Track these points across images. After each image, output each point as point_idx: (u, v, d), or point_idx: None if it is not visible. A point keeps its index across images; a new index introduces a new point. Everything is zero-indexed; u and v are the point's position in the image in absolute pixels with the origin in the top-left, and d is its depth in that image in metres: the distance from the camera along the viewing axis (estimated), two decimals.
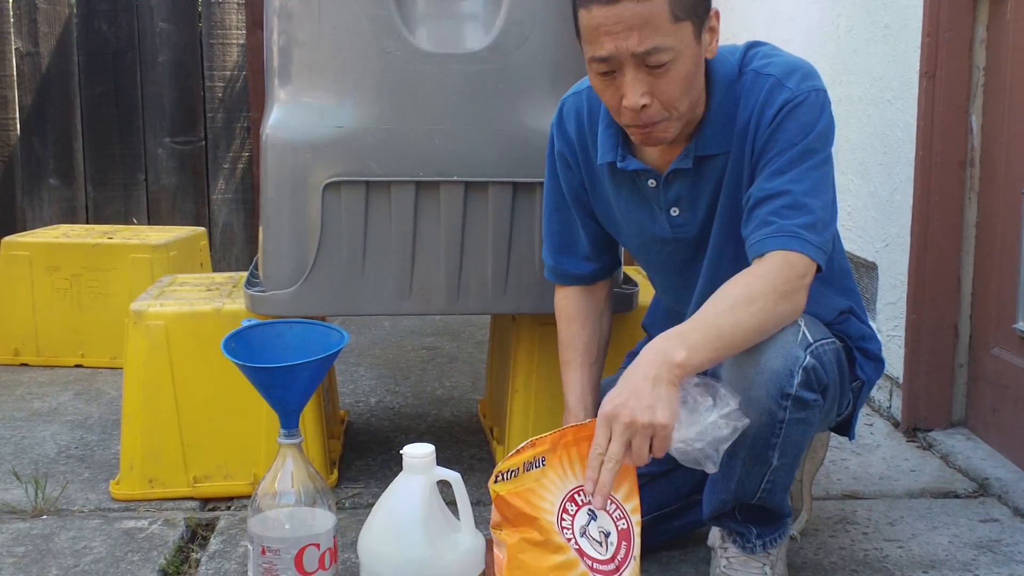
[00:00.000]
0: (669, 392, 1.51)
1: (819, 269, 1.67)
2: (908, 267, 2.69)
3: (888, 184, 2.83)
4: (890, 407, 2.84)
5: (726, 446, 1.57)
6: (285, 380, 1.62)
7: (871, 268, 2.95)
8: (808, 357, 1.63)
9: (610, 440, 1.51)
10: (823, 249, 1.67)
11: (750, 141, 1.71)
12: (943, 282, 2.63)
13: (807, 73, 1.71)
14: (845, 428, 1.96)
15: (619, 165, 1.80)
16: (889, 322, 2.83)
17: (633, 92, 1.62)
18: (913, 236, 2.65)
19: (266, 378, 1.63)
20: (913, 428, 2.70)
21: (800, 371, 1.62)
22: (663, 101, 1.64)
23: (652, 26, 1.58)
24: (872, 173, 2.93)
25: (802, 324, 1.65)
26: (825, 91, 1.71)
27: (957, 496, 2.33)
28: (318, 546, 1.62)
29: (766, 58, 1.74)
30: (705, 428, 1.54)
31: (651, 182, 1.80)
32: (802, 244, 1.64)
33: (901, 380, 2.74)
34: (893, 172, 2.80)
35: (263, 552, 1.61)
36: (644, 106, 1.63)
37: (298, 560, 1.60)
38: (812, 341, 1.65)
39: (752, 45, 1.78)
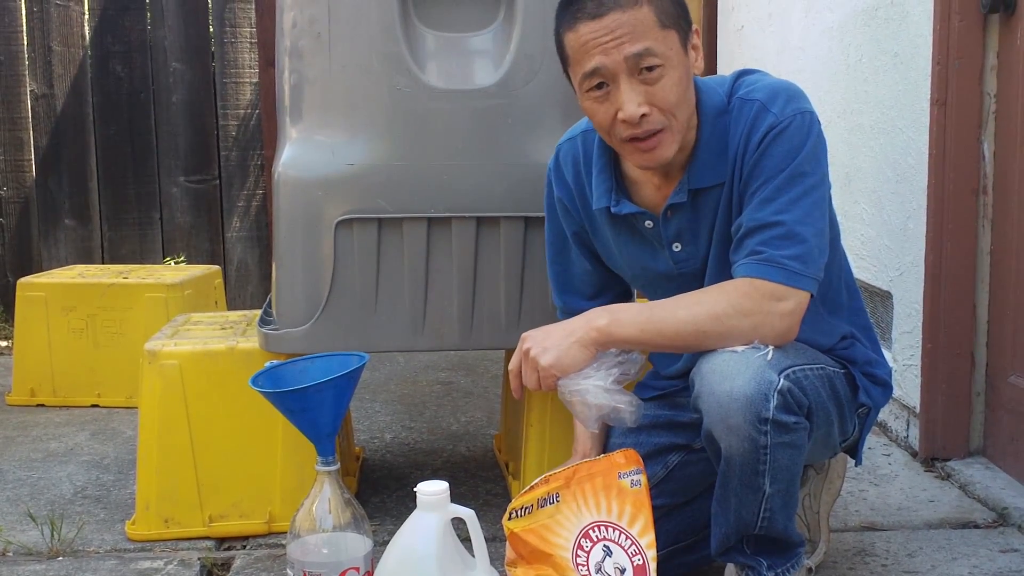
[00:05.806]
0: (574, 347, 1.65)
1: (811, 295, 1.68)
2: (923, 296, 2.67)
3: (901, 213, 2.82)
4: (907, 437, 2.82)
5: (603, 401, 1.64)
6: (315, 401, 1.65)
7: (886, 297, 2.94)
8: (783, 380, 1.61)
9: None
10: (814, 278, 1.67)
11: (739, 169, 1.71)
12: (958, 310, 2.61)
13: (791, 96, 1.70)
14: (852, 453, 1.95)
15: (613, 210, 1.80)
16: (905, 351, 2.81)
17: (630, 101, 1.62)
18: (927, 265, 2.64)
19: (296, 402, 1.66)
20: (931, 458, 2.68)
21: (776, 394, 1.59)
22: (662, 108, 1.64)
23: (641, 31, 1.60)
24: (885, 202, 2.93)
25: (771, 348, 1.64)
26: (812, 112, 1.70)
27: (976, 526, 2.31)
28: (358, 570, 1.63)
29: (751, 85, 1.74)
30: (586, 382, 1.64)
31: (648, 223, 1.80)
32: (787, 275, 1.64)
33: (918, 409, 2.72)
34: (906, 201, 2.79)
35: None
36: (644, 115, 1.63)
37: None
38: (789, 365, 1.64)
39: (740, 74, 1.78)
